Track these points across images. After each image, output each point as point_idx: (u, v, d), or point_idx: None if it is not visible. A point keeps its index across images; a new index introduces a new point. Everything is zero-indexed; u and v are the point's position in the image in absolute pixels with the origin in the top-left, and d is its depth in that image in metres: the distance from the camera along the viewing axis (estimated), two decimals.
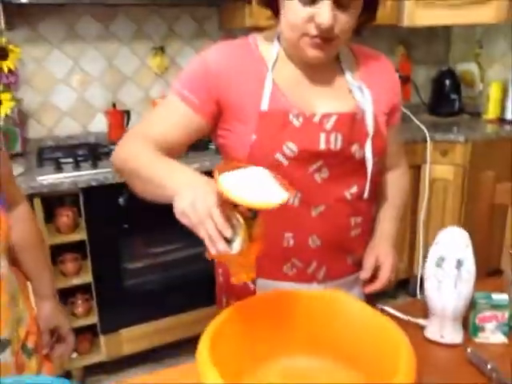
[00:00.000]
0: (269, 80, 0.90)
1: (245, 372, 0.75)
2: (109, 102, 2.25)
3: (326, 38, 0.83)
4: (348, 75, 0.95)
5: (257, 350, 0.78)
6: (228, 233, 0.69)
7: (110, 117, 2.17)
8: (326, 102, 0.92)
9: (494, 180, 1.50)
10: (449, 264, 0.86)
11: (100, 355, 1.97)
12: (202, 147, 2.02)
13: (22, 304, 0.93)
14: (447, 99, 2.84)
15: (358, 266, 1.03)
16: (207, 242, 0.70)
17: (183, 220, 0.71)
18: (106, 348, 1.96)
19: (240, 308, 0.79)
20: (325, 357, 0.79)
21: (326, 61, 0.89)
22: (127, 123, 2.20)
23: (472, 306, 0.90)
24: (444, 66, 2.88)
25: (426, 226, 2.48)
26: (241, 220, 0.70)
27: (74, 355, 1.96)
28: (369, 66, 0.98)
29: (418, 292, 2.50)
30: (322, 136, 0.89)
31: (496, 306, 0.89)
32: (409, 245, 2.55)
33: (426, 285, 0.90)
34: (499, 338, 0.90)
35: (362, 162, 0.93)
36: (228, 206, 0.70)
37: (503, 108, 2.75)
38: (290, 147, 0.88)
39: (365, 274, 1.01)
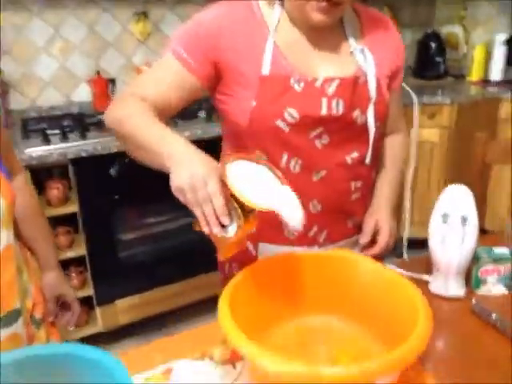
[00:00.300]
0: (270, 43, 0.88)
1: (262, 332, 0.76)
2: (91, 71, 2.19)
3: (333, 2, 0.82)
4: (351, 38, 0.93)
5: (271, 312, 0.79)
6: (226, 220, 0.69)
7: (94, 85, 2.11)
8: (328, 66, 0.91)
9: (485, 140, 1.52)
10: (453, 220, 0.88)
11: (96, 327, 1.98)
12: (191, 115, 1.99)
13: (26, 276, 0.92)
14: (432, 62, 2.84)
15: (358, 228, 1.04)
16: (201, 222, 0.70)
17: (179, 196, 0.71)
18: (102, 319, 1.96)
19: (253, 271, 0.79)
20: (338, 315, 0.80)
21: (330, 24, 0.88)
22: (112, 92, 2.15)
23: (474, 260, 0.92)
24: (429, 29, 2.87)
25: (413, 189, 2.52)
26: (239, 211, 0.70)
27: (71, 327, 1.96)
28: (372, 29, 0.96)
29: (404, 252, 2.55)
30: (324, 101, 0.88)
31: (498, 260, 0.92)
32: (395, 207, 2.59)
33: (431, 241, 0.92)
34: (500, 290, 0.93)
35: (364, 127, 0.93)
36: (228, 193, 0.70)
37: (487, 70, 2.77)
38: (291, 113, 0.87)
39: (364, 238, 1.02)
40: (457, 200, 0.89)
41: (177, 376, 0.76)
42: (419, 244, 2.63)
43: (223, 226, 0.70)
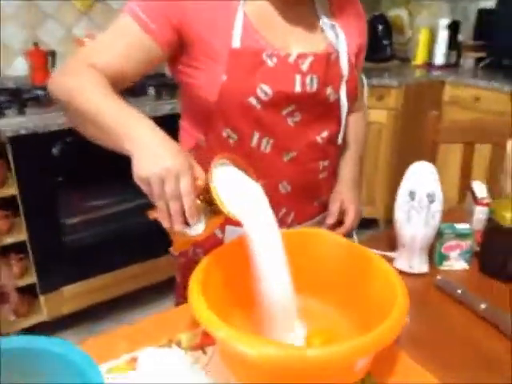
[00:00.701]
0: (240, 13, 0.82)
1: (234, 316, 0.72)
2: (28, 43, 2.02)
3: None
4: (321, 15, 0.90)
5: (242, 295, 0.75)
6: (193, 221, 0.66)
7: (31, 58, 1.95)
8: (300, 42, 0.87)
9: (435, 119, 1.55)
10: (419, 197, 0.88)
11: (40, 316, 1.86)
12: (140, 92, 1.90)
13: None
14: (379, 45, 2.88)
15: (324, 208, 1.03)
16: (162, 216, 0.66)
17: (141, 185, 0.66)
18: (46, 308, 1.85)
19: (222, 254, 0.75)
20: (310, 294, 0.78)
21: None
22: (52, 65, 2.00)
23: (438, 236, 0.93)
24: (376, 12, 2.91)
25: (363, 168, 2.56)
26: (207, 210, 0.67)
27: (12, 318, 1.84)
28: (341, 6, 0.93)
29: (354, 233, 2.59)
30: (298, 78, 0.85)
31: (460, 235, 0.93)
32: None
33: (397, 217, 0.92)
34: (462, 265, 0.95)
35: (335, 105, 0.91)
36: (200, 193, 0.66)
37: (431, 53, 2.85)
38: (264, 89, 0.82)
39: (331, 219, 1.01)
40: (422, 177, 0.89)
41: (143, 365, 0.71)
42: (365, 224, 2.72)
43: (187, 223, 0.66)
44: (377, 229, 2.72)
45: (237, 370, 0.66)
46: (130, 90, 1.86)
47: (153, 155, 0.65)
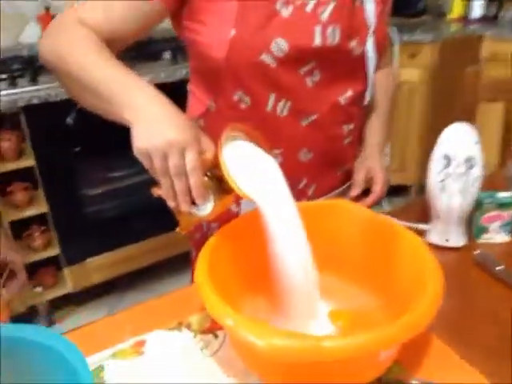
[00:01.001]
0: None
1: (247, 296, 0.66)
2: (40, 7, 1.94)
3: None
4: None
5: (256, 273, 0.68)
6: (201, 201, 0.59)
7: (43, 23, 1.88)
8: None
9: (474, 77, 1.42)
10: (456, 163, 0.78)
11: (65, 288, 1.86)
12: (154, 56, 1.81)
13: None
14: None
15: (348, 177, 0.94)
16: (166, 195, 0.59)
17: (142, 159, 0.58)
18: (70, 280, 1.85)
19: (233, 229, 0.68)
20: (332, 272, 0.71)
21: None
22: None
23: (476, 206, 0.83)
24: None
25: (394, 132, 2.42)
26: (217, 188, 0.60)
27: (39, 289, 1.85)
28: None
29: (384, 202, 2.49)
30: (317, 29, 0.74)
31: (501, 205, 0.83)
32: None
33: (430, 185, 0.82)
34: (503, 238, 0.85)
35: (360, 60, 0.81)
36: (208, 169, 0.59)
37: (467, 6, 2.63)
38: (279, 44, 0.72)
39: (356, 190, 0.92)
40: (460, 140, 0.79)
41: (150, 349, 0.66)
42: (395, 192, 2.60)
43: (193, 203, 0.60)
44: (407, 197, 2.60)
45: (247, 358, 0.59)
46: (144, 54, 1.78)
47: (155, 126, 0.58)
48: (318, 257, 0.72)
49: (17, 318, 1.79)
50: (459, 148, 0.78)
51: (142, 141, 0.58)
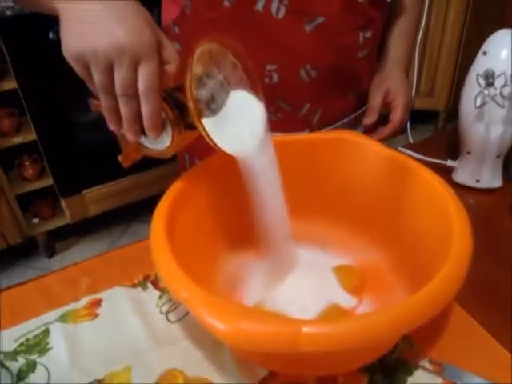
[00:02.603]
0: None
1: (224, 255, 0.53)
2: None
3: None
4: None
5: (238, 225, 0.55)
6: (153, 134, 0.44)
7: None
8: None
9: None
10: (501, 82, 0.60)
11: (63, 219, 1.78)
12: None
13: None
14: None
15: (361, 102, 0.77)
16: (108, 117, 0.44)
17: (74, 66, 0.42)
18: (68, 211, 1.76)
19: (209, 166, 0.54)
20: (335, 222, 0.57)
21: None
22: None
23: None
24: None
25: (423, 48, 2.13)
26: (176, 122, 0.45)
27: (36, 220, 1.78)
28: None
29: (408, 132, 2.27)
30: None
31: None
32: None
33: (464, 111, 0.65)
34: None
35: None
36: (168, 88, 0.44)
37: None
38: None
39: (371, 117, 0.73)
40: (506, 52, 0.60)
41: (105, 311, 0.54)
42: (420, 119, 2.35)
43: (144, 133, 0.45)
44: (435, 126, 2.36)
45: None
46: None
47: (99, 21, 0.41)
48: (320, 202, 0.58)
49: (16, 249, 1.75)
50: (504, 62, 0.60)
51: (77, 38, 0.41)
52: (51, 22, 1.38)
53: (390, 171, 0.52)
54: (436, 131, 2.19)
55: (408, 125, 2.29)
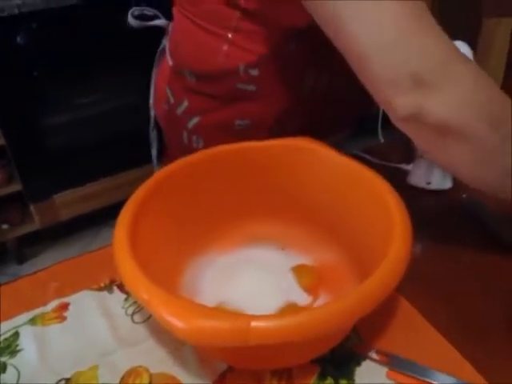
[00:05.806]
0: None
1: (190, 256, 0.56)
2: None
3: None
4: None
5: (204, 222, 0.58)
6: None
7: None
8: None
9: None
10: None
11: (33, 224, 1.77)
12: None
13: None
14: None
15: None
16: None
17: None
18: (38, 216, 1.75)
19: (173, 170, 0.57)
20: (290, 224, 0.60)
21: None
22: None
23: None
24: None
25: None
26: None
27: (5, 226, 1.76)
28: None
29: (379, 133, 2.32)
30: None
31: None
32: None
33: None
34: None
35: None
36: None
37: None
38: None
39: None
40: None
41: (73, 314, 0.56)
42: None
43: None
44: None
45: None
46: None
47: None
48: (280, 205, 0.61)
49: None
50: None
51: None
52: (18, 25, 1.39)
53: (340, 175, 0.55)
54: (395, 135, 2.25)
55: (380, 126, 2.36)
